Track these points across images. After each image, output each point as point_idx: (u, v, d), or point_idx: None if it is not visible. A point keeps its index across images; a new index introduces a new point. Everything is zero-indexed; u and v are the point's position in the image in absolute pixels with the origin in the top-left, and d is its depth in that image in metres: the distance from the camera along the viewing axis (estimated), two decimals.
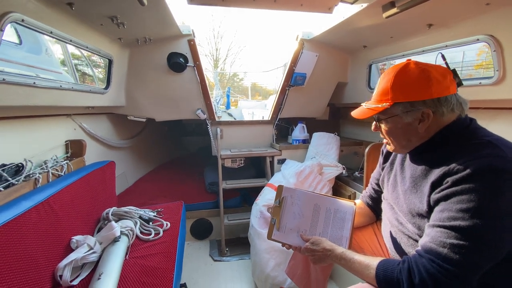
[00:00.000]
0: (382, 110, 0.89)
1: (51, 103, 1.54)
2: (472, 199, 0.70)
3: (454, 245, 0.71)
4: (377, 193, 1.28)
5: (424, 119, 0.84)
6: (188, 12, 18.60)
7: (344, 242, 1.12)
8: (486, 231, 0.69)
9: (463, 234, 0.70)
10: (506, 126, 1.52)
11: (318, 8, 1.66)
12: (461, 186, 0.73)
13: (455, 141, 0.83)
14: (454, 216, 0.72)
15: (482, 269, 0.71)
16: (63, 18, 1.37)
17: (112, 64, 2.03)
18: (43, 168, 1.52)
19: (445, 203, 0.76)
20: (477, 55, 2.98)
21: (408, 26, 1.64)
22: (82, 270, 1.28)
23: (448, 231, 0.73)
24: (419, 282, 0.73)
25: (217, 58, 16.71)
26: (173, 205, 2.09)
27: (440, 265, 0.71)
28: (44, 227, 1.19)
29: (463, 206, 0.71)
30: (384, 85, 0.89)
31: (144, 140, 3.42)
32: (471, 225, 0.69)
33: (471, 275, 0.70)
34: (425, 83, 0.82)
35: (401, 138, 0.92)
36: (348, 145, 2.73)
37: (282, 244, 1.20)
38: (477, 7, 1.29)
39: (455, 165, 0.76)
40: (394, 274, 0.79)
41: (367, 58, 2.35)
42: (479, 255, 0.69)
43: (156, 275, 1.28)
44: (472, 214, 0.70)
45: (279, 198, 1.24)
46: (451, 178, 0.75)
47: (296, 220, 1.20)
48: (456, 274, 0.70)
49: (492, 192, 0.69)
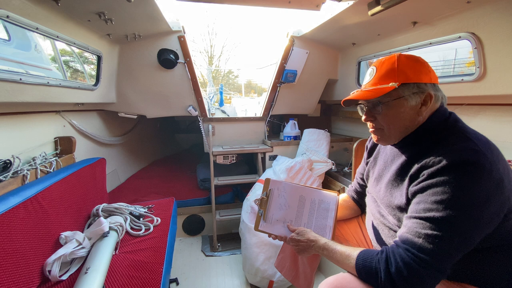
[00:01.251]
0: (389, 91, 0.84)
1: (39, 99, 1.53)
2: (446, 191, 0.73)
3: (428, 235, 0.74)
4: (361, 188, 1.31)
5: (427, 102, 0.85)
6: (182, 8, 18.42)
7: (328, 230, 1.17)
8: (459, 222, 0.72)
9: (437, 225, 0.73)
10: (488, 121, 1.57)
11: (306, 5, 1.67)
12: (436, 178, 0.76)
13: (435, 135, 0.86)
14: (429, 208, 0.75)
15: (455, 258, 0.74)
16: (49, 14, 1.37)
17: (101, 61, 2.02)
18: (31, 164, 1.52)
19: (421, 195, 0.79)
20: (469, 53, 3.03)
21: (394, 24, 1.67)
22: (71, 265, 1.29)
23: (423, 222, 0.76)
24: (395, 271, 0.76)
25: (212, 55, 16.62)
26: (164, 201, 2.10)
27: (415, 255, 0.74)
28: (32, 223, 1.20)
29: (438, 198, 0.74)
30: (387, 66, 0.87)
31: (136, 137, 3.41)
32: (444, 216, 0.72)
33: (444, 263, 0.73)
34: (426, 68, 0.86)
35: (401, 124, 0.89)
36: (339, 141, 2.77)
37: (268, 235, 1.23)
38: (459, 5, 1.33)
39: (432, 158, 0.79)
40: (372, 263, 0.82)
41: (356, 55, 2.38)
42: (452, 244, 0.72)
43: (145, 269, 1.29)
44: (446, 205, 0.73)
45: (266, 191, 1.28)
46: (427, 171, 0.78)
47: (282, 211, 1.24)
48: (430, 263, 0.73)
49: (464, 184, 0.72)
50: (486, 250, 0.81)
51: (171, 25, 2.10)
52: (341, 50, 2.56)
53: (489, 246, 0.81)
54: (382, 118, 0.90)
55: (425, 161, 0.80)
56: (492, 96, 1.43)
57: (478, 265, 0.84)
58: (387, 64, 0.88)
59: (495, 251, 0.82)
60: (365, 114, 0.95)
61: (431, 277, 0.73)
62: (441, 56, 2.52)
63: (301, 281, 1.44)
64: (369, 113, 0.94)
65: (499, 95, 1.38)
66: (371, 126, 0.96)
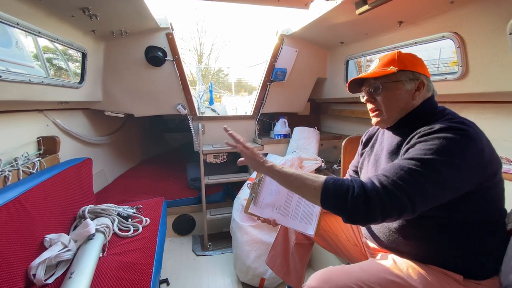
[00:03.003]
0: (389, 73, 0.95)
1: (20, 97, 1.47)
2: (435, 143, 0.80)
3: (410, 169, 0.78)
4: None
5: (420, 89, 0.96)
6: (170, 6, 18.12)
7: (314, 218, 1.24)
8: (439, 164, 0.77)
9: (421, 163, 0.78)
10: (471, 119, 1.59)
11: (295, 3, 1.68)
12: (426, 137, 0.84)
13: (426, 117, 0.94)
14: (417, 153, 0.81)
15: (427, 196, 0.77)
16: (30, 9, 1.31)
17: (86, 58, 1.97)
18: (13, 165, 1.46)
19: (412, 148, 0.85)
20: (452, 52, 3.12)
21: (381, 23, 1.70)
22: (57, 269, 1.25)
23: (409, 160, 0.81)
24: (371, 187, 0.78)
25: (201, 53, 16.45)
26: (153, 202, 2.07)
27: (393, 180, 0.77)
28: (15, 226, 1.15)
29: (427, 147, 0.80)
30: (389, 57, 1.00)
31: (124, 136, 3.34)
32: (430, 158, 0.78)
33: (417, 195, 0.76)
34: (421, 62, 1.00)
35: (397, 105, 0.98)
36: (328, 139, 2.80)
37: (257, 218, 1.29)
38: (443, 5, 1.36)
39: (424, 128, 0.87)
40: (344, 182, 0.83)
41: (344, 54, 2.41)
42: (429, 181, 0.76)
43: (134, 271, 1.27)
44: (433, 152, 0.78)
45: (259, 177, 1.34)
46: (419, 134, 0.87)
47: (273, 197, 1.30)
48: (405, 189, 0.76)
49: (450, 139, 0.79)
50: (463, 226, 0.87)
51: (159, 22, 2.07)
52: (329, 49, 2.59)
53: (466, 221, 0.86)
54: (382, 98, 1.00)
55: (418, 130, 0.88)
56: (474, 94, 1.48)
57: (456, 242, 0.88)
58: (389, 56, 1.01)
59: (471, 228, 0.86)
60: (367, 95, 1.05)
61: (403, 203, 0.75)
62: (426, 56, 2.59)
63: (292, 277, 1.46)
64: (370, 95, 1.04)
65: (480, 92, 1.43)
66: (372, 109, 1.05)
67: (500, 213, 0.91)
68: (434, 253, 0.92)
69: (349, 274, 0.93)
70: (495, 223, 0.90)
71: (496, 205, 0.89)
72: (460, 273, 0.88)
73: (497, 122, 1.49)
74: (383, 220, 0.78)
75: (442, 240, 0.89)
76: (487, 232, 0.88)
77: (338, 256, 1.48)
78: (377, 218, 0.77)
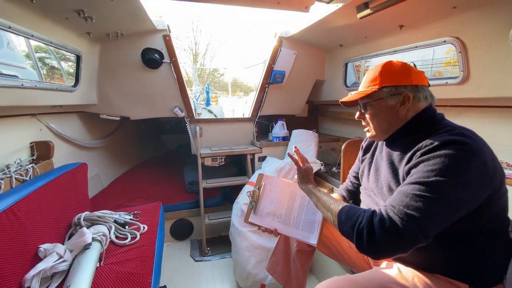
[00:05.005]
0: (370, 93, 0.98)
1: (13, 103, 1.42)
2: (437, 162, 0.78)
3: (416, 195, 0.77)
4: (354, 186, 1.32)
5: (405, 102, 0.94)
6: (165, 4, 17.98)
7: (316, 226, 1.21)
8: (445, 185, 0.75)
9: (426, 187, 0.77)
10: (470, 122, 1.63)
11: (295, 7, 1.66)
12: (428, 155, 0.81)
13: (424, 128, 0.93)
14: (421, 176, 0.80)
15: (438, 221, 0.76)
16: (23, 12, 1.27)
17: (80, 60, 1.92)
18: (5, 173, 1.41)
19: (415, 169, 0.84)
20: (445, 53, 3.15)
21: (381, 27, 1.69)
22: (52, 280, 1.21)
23: (413, 185, 0.80)
24: (378, 220, 0.79)
25: (197, 52, 16.33)
26: (150, 207, 2.03)
27: (400, 210, 0.77)
28: (8, 237, 1.11)
29: (428, 168, 0.79)
30: (372, 75, 1.00)
31: (119, 139, 3.28)
32: (434, 180, 0.76)
33: (427, 221, 0.75)
34: (407, 72, 0.96)
35: (383, 121, 1.00)
36: (326, 141, 2.79)
37: (258, 227, 1.27)
38: (445, 10, 1.36)
39: (424, 143, 0.85)
40: (357, 212, 0.86)
41: (343, 57, 2.40)
42: (437, 205, 0.75)
43: (133, 281, 1.24)
44: (435, 173, 0.77)
45: (259, 185, 1.31)
46: (420, 151, 0.85)
47: (273, 205, 1.27)
48: (413, 217, 0.75)
49: (453, 156, 0.77)
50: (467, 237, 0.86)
51: (156, 23, 2.03)
52: (328, 51, 2.58)
53: (471, 231, 0.85)
54: (369, 116, 1.03)
55: (418, 146, 0.87)
56: (474, 98, 1.48)
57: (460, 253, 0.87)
58: (373, 72, 1.01)
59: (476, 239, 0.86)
60: (358, 112, 1.08)
61: (411, 234, 0.74)
62: (420, 56, 2.60)
63: (293, 284, 1.44)
64: (361, 112, 1.07)
65: (481, 97, 1.43)
66: (364, 125, 1.09)
67: (505, 222, 0.91)
68: (439, 263, 0.91)
69: (355, 285, 0.92)
70: (499, 232, 0.89)
71: (501, 215, 0.89)
72: (465, 282, 0.88)
73: (497, 126, 1.49)
74: (394, 253, 0.77)
75: (446, 249, 0.88)
76: (491, 241, 0.87)
77: (341, 263, 1.46)
78: (383, 250, 0.77)
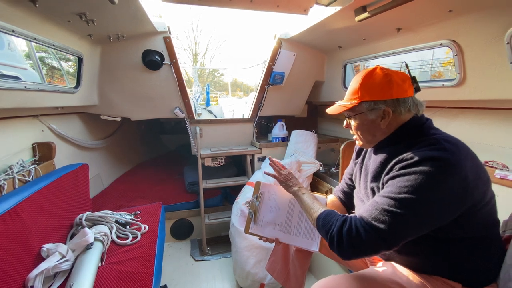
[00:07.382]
0: (351, 107, 0.99)
1: (16, 105, 1.44)
2: (411, 179, 0.80)
3: (384, 210, 0.81)
4: (349, 187, 1.34)
5: (385, 117, 0.95)
6: (164, 4, 17.96)
7: (317, 232, 1.19)
8: (415, 204, 0.78)
9: (396, 202, 0.80)
10: (466, 124, 1.65)
11: (294, 9, 1.68)
12: (405, 170, 0.84)
13: (409, 138, 0.94)
14: (393, 191, 0.83)
15: (405, 236, 0.81)
16: (25, 15, 1.29)
17: (82, 62, 1.94)
18: (8, 174, 1.43)
19: (391, 182, 0.86)
20: (445, 53, 3.16)
21: (379, 30, 1.71)
22: (55, 280, 1.23)
23: (385, 199, 0.83)
24: (346, 230, 0.85)
25: (196, 52, 16.34)
26: (151, 207, 2.05)
27: (368, 222, 0.83)
28: (12, 237, 1.13)
29: (403, 184, 0.81)
30: (354, 86, 1.01)
31: (120, 139, 3.30)
32: (403, 198, 0.79)
33: (390, 235, 0.80)
34: (387, 85, 0.94)
35: (367, 133, 1.02)
36: (325, 142, 2.81)
37: (259, 237, 1.26)
38: (441, 14, 1.38)
39: (405, 155, 0.86)
40: (333, 218, 0.92)
41: (342, 58, 2.42)
42: (403, 221, 0.79)
43: (134, 280, 1.26)
44: (408, 190, 0.80)
45: (257, 194, 1.29)
46: (399, 165, 0.87)
47: (273, 214, 1.26)
48: (378, 230, 0.80)
49: (429, 173, 0.78)
50: (458, 242, 0.88)
51: (156, 25, 2.05)
52: (327, 53, 2.60)
53: (461, 238, 0.87)
54: (354, 127, 1.06)
55: (399, 158, 0.88)
56: (471, 100, 1.50)
57: (452, 257, 0.89)
58: (354, 84, 1.01)
59: (467, 243, 0.88)
60: (345, 122, 1.11)
61: (374, 245, 0.81)
62: (419, 56, 2.61)
63: (292, 283, 1.46)
64: (347, 122, 1.10)
65: (477, 99, 1.45)
66: (352, 132, 1.11)
67: (494, 226, 0.93)
68: (431, 266, 0.93)
69: (351, 283, 0.94)
70: (490, 235, 0.91)
71: (488, 220, 0.90)
72: (458, 281, 0.90)
73: (493, 128, 1.51)
74: (357, 257, 0.87)
75: (439, 254, 0.90)
76: (483, 244, 0.89)
77: (339, 262, 1.48)
78: (350, 256, 0.86)
